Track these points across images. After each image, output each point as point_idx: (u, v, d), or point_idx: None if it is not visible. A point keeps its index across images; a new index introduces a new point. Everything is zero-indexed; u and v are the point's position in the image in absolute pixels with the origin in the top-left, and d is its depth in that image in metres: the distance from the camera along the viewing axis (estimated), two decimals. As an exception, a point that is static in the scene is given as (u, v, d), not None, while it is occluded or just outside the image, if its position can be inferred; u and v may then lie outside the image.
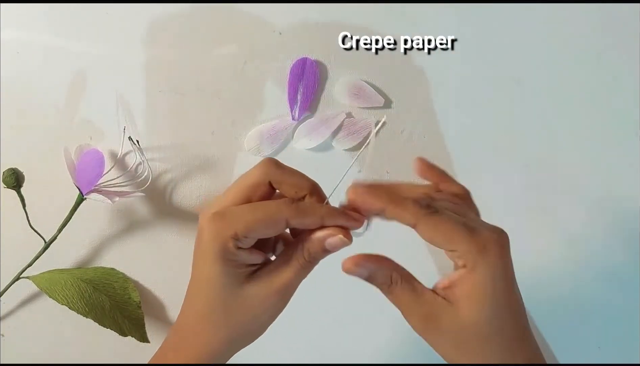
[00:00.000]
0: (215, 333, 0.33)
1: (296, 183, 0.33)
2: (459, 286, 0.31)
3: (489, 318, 0.31)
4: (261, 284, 0.33)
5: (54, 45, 0.52)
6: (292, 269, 0.33)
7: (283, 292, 0.33)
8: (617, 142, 0.53)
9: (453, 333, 0.31)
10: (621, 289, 0.54)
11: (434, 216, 0.31)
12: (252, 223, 0.31)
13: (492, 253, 0.30)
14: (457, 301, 0.31)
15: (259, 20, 0.52)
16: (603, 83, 0.53)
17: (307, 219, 0.32)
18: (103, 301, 0.51)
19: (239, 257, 0.32)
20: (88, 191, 0.49)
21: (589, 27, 0.52)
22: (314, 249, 0.32)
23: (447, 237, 0.30)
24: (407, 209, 0.31)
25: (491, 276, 0.30)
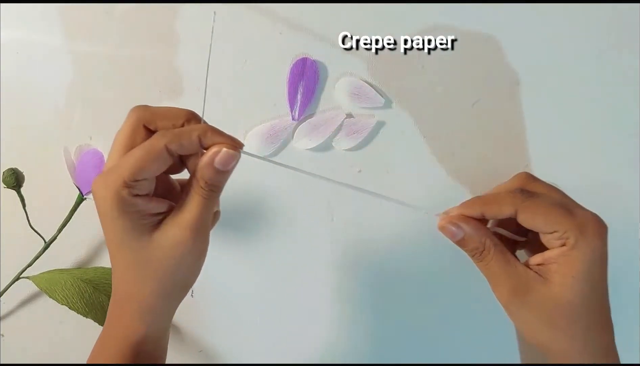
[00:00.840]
0: (145, 289, 0.33)
1: (168, 114, 0.33)
2: (555, 264, 0.31)
3: (582, 297, 0.31)
4: (169, 228, 0.32)
5: (54, 45, 0.52)
6: (194, 202, 0.32)
7: (194, 228, 0.32)
8: (617, 142, 0.53)
9: (542, 308, 0.32)
10: (621, 290, 0.54)
11: (532, 200, 0.31)
12: (135, 164, 0.30)
13: (592, 233, 0.31)
14: (551, 277, 0.31)
15: (259, 20, 0.52)
16: (603, 83, 0.53)
17: (184, 140, 0.31)
18: (103, 301, 0.51)
19: (138, 206, 0.31)
20: (88, 191, 0.49)
21: (589, 27, 0.52)
22: (207, 174, 0.32)
23: (548, 219, 0.31)
24: (504, 201, 0.32)
25: (590, 256, 0.31)
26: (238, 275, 0.54)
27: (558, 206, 0.31)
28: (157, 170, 0.31)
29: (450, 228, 0.33)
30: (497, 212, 0.32)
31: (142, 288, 0.33)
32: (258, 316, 0.54)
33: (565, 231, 0.31)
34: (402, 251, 0.54)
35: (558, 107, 0.53)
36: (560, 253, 0.31)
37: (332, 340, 0.55)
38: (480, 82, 0.53)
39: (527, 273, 0.32)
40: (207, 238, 0.34)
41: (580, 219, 0.31)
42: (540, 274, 0.32)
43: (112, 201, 0.30)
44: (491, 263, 0.33)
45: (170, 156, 0.31)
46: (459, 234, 0.33)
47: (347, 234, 0.54)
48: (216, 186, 0.33)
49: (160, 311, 0.34)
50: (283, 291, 0.54)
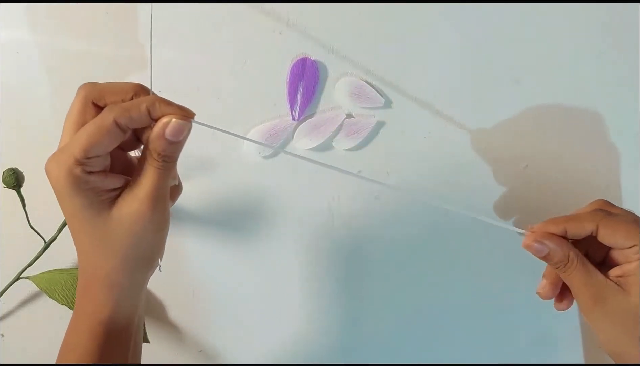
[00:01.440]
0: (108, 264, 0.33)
1: (116, 89, 0.33)
2: (634, 276, 0.34)
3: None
4: (126, 202, 0.32)
5: (54, 45, 0.52)
6: (149, 174, 0.32)
7: (151, 200, 0.32)
8: (617, 141, 0.53)
9: (620, 316, 0.34)
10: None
11: (611, 218, 0.35)
12: (86, 141, 0.30)
13: None
14: (629, 288, 0.34)
15: (259, 20, 0.52)
16: (603, 83, 0.53)
17: (133, 113, 0.31)
18: (103, 301, 0.51)
19: (93, 183, 0.31)
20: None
21: (589, 27, 0.52)
22: (160, 146, 0.32)
23: (629, 234, 0.34)
24: (586, 218, 0.35)
25: None
26: (238, 275, 0.54)
27: (636, 223, 0.34)
28: (109, 146, 0.31)
29: (535, 245, 0.36)
30: (579, 229, 0.35)
31: (105, 264, 0.33)
32: (258, 316, 0.54)
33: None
34: (403, 251, 0.54)
35: (558, 108, 0.53)
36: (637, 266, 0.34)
37: (333, 340, 0.55)
38: (480, 81, 0.53)
39: (607, 283, 0.35)
40: (165, 209, 0.34)
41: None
42: (620, 285, 0.34)
43: (66, 179, 0.30)
44: (573, 273, 0.35)
45: (121, 131, 0.31)
46: (544, 251, 0.36)
47: (347, 234, 0.54)
48: (169, 156, 0.32)
49: (127, 286, 0.34)
50: (283, 291, 0.54)
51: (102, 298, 0.34)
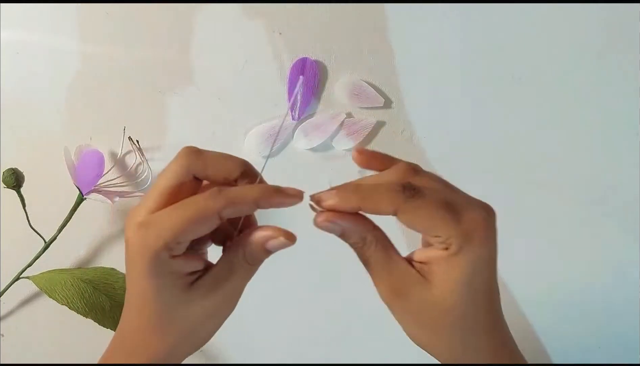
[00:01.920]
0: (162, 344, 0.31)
1: (222, 168, 0.30)
2: (438, 266, 0.29)
3: (463, 304, 0.29)
4: (204, 294, 0.30)
5: (54, 45, 0.52)
6: (236, 276, 0.31)
7: (229, 300, 0.31)
8: (617, 142, 0.53)
9: (421, 311, 0.30)
10: (621, 289, 0.54)
11: (414, 201, 0.28)
12: (181, 227, 0.28)
13: (477, 240, 0.28)
14: (432, 279, 0.29)
15: (259, 20, 0.52)
16: (603, 83, 0.53)
17: (240, 207, 0.29)
18: (103, 301, 0.51)
19: (174, 267, 0.29)
20: (88, 191, 0.49)
21: (589, 27, 0.52)
22: (257, 254, 0.30)
23: (430, 224, 0.28)
24: (383, 199, 0.28)
25: (473, 265, 0.28)
26: (238, 275, 0.54)
27: (443, 208, 0.28)
28: (204, 232, 0.29)
29: (327, 225, 0.30)
30: (375, 209, 0.29)
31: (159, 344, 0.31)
32: (258, 316, 0.54)
33: (448, 237, 0.28)
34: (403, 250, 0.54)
35: (558, 107, 0.53)
36: (443, 256, 0.29)
37: (333, 339, 0.55)
38: (481, 81, 0.53)
39: (409, 272, 0.30)
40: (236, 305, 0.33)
41: (466, 225, 0.28)
42: (423, 274, 0.30)
43: (149, 261, 0.28)
44: (371, 259, 0.30)
45: (221, 219, 0.29)
46: (337, 230, 0.30)
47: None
48: (261, 261, 0.31)
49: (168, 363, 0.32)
50: (283, 291, 0.54)
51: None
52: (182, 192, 0.29)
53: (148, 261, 0.28)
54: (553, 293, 0.55)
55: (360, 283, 0.55)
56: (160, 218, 0.28)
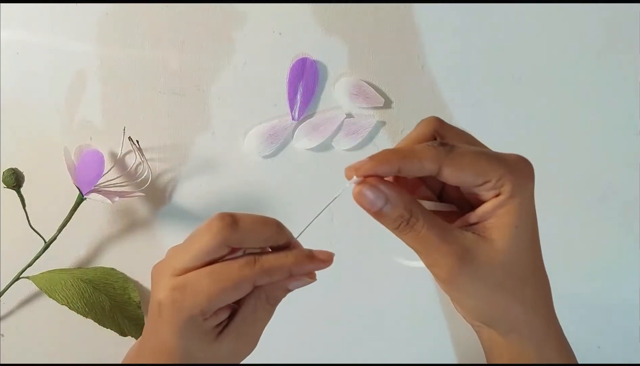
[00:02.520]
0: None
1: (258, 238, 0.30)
2: (493, 218, 0.28)
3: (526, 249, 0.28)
4: (231, 340, 0.31)
5: (54, 45, 0.52)
6: (260, 319, 0.31)
7: (252, 341, 0.33)
8: (617, 141, 0.53)
9: (490, 271, 0.28)
10: (621, 289, 0.54)
11: (456, 151, 0.27)
12: (216, 296, 0.28)
13: (525, 174, 0.28)
14: (491, 235, 0.28)
15: (259, 20, 0.52)
16: (603, 82, 0.53)
17: (275, 277, 0.29)
18: (103, 301, 0.51)
19: (205, 327, 0.30)
20: (88, 191, 0.49)
21: (589, 27, 0.52)
22: (279, 296, 0.31)
23: (478, 169, 0.27)
24: (425, 155, 0.27)
25: (528, 199, 0.28)
26: (238, 275, 0.54)
27: (484, 155, 0.27)
28: (235, 299, 0.30)
29: (368, 194, 0.27)
30: (417, 168, 0.27)
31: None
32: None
33: (499, 179, 0.27)
34: (403, 249, 0.54)
35: (558, 107, 0.53)
36: (497, 204, 0.27)
37: (333, 339, 0.55)
38: (481, 81, 0.53)
39: (465, 236, 0.27)
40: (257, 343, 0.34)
41: (511, 164, 0.28)
42: (480, 234, 0.28)
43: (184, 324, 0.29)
44: (423, 231, 0.27)
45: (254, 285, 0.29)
46: (379, 202, 0.27)
47: (347, 234, 0.54)
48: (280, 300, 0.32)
49: None
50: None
51: None
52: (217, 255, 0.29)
53: (182, 324, 0.29)
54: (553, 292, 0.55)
55: (361, 284, 0.55)
56: (196, 284, 0.28)
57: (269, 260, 0.29)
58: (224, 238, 0.29)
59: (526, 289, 0.29)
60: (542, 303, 0.31)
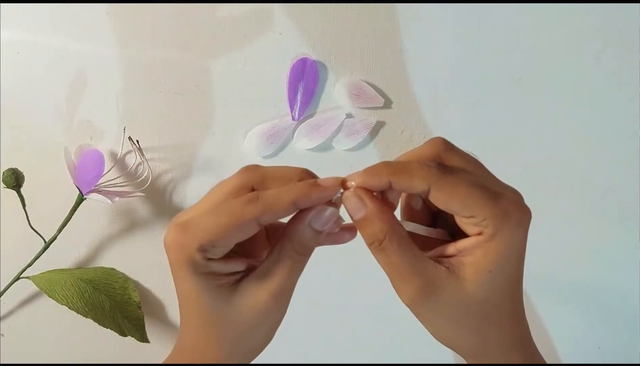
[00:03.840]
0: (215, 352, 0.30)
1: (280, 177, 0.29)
2: (470, 256, 0.27)
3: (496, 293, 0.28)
4: (252, 293, 0.29)
5: (54, 45, 0.52)
6: (284, 267, 0.29)
7: (279, 296, 0.29)
8: (617, 142, 0.53)
9: (451, 308, 0.28)
10: (621, 289, 0.54)
11: (448, 177, 0.27)
12: (217, 230, 0.27)
13: (514, 223, 0.27)
14: (463, 271, 0.27)
15: (259, 20, 0.52)
16: (603, 83, 0.53)
17: (278, 211, 0.27)
18: (103, 301, 0.51)
19: (213, 268, 0.28)
20: (88, 191, 0.49)
21: (589, 27, 0.52)
22: (305, 237, 0.28)
23: (466, 201, 0.26)
24: (417, 173, 0.27)
25: (509, 249, 0.27)
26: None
27: (479, 188, 0.27)
28: (240, 239, 0.28)
29: (352, 201, 0.27)
30: (407, 185, 0.27)
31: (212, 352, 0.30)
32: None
33: (484, 218, 0.26)
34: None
35: (557, 107, 0.53)
36: (476, 244, 0.27)
37: (333, 339, 0.55)
38: (481, 81, 0.53)
39: (437, 269, 0.27)
40: (288, 305, 0.30)
41: (503, 206, 0.27)
42: (452, 269, 0.27)
43: (185, 262, 0.28)
44: (394, 256, 0.27)
45: (259, 225, 0.28)
46: (361, 211, 0.28)
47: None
48: (311, 249, 0.29)
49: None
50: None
51: None
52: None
53: (184, 262, 0.28)
54: (552, 292, 0.55)
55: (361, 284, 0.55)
56: (197, 220, 0.28)
57: (272, 194, 0.28)
58: (247, 177, 0.28)
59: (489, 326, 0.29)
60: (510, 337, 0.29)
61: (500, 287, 0.28)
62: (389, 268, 0.28)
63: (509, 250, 0.27)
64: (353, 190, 0.28)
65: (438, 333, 0.30)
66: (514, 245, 0.27)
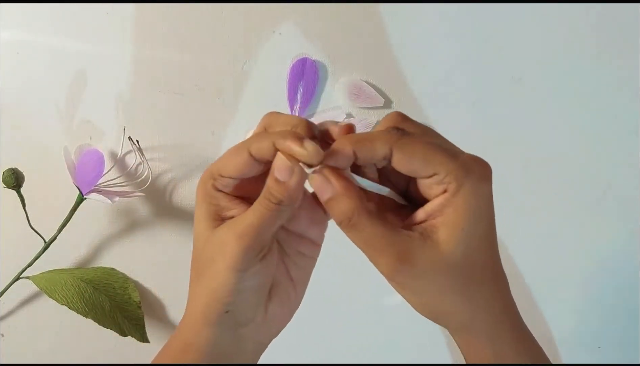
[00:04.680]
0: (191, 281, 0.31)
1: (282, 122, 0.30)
2: (440, 217, 0.27)
3: (473, 250, 0.28)
4: (225, 228, 0.29)
5: (54, 45, 0.52)
6: (253, 212, 0.29)
7: (242, 236, 0.29)
8: (617, 141, 0.53)
9: (430, 273, 0.27)
10: (621, 289, 0.54)
11: (408, 138, 0.28)
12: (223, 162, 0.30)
13: (477, 175, 0.27)
14: (437, 234, 0.27)
15: (259, 20, 0.52)
16: (603, 83, 0.53)
17: (262, 144, 0.28)
18: (103, 301, 0.51)
19: (216, 199, 0.30)
20: (88, 191, 0.49)
21: (589, 27, 0.52)
22: (269, 185, 0.29)
23: (427, 158, 0.27)
24: (377, 138, 0.28)
25: (476, 202, 0.27)
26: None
27: (438, 147, 0.27)
28: (241, 172, 0.29)
29: (319, 179, 0.28)
30: (370, 152, 0.28)
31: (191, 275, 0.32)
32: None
33: (446, 174, 0.27)
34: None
35: (557, 107, 0.53)
36: (443, 202, 0.27)
37: (333, 339, 0.55)
38: (481, 81, 0.53)
39: (411, 236, 0.27)
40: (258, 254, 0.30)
41: (463, 160, 0.27)
42: (425, 234, 0.28)
43: (200, 187, 0.31)
44: (365, 231, 0.28)
45: (257, 161, 0.29)
46: (328, 192, 0.28)
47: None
48: (277, 198, 0.28)
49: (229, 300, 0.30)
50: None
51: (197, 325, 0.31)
52: None
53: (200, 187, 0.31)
54: (552, 292, 0.55)
55: (361, 284, 0.55)
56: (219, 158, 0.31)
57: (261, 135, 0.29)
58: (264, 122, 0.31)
59: (473, 289, 0.29)
60: (495, 302, 0.29)
61: (477, 244, 0.28)
62: (363, 244, 0.28)
63: (476, 203, 0.27)
64: (319, 170, 0.28)
65: (423, 306, 0.30)
66: (480, 197, 0.28)
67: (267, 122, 0.31)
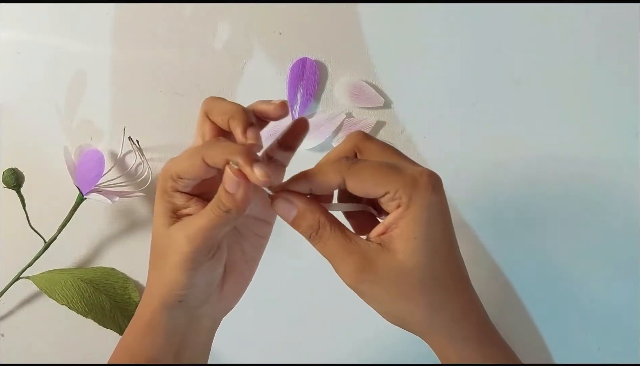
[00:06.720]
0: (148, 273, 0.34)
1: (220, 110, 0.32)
2: (396, 229, 0.29)
3: (427, 260, 0.29)
4: (178, 227, 0.31)
5: (54, 45, 0.52)
6: (203, 216, 0.30)
7: (192, 237, 0.30)
8: (617, 142, 0.53)
9: (390, 280, 0.30)
10: (621, 289, 0.54)
11: (357, 164, 0.30)
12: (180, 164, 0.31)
13: (424, 187, 0.29)
14: (392, 244, 0.29)
15: (259, 20, 0.52)
16: (603, 83, 0.53)
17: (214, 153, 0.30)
18: (103, 301, 0.51)
19: (174, 199, 0.32)
20: (88, 191, 0.49)
21: (589, 27, 0.52)
22: (220, 194, 0.30)
23: (377, 182, 0.29)
24: (329, 171, 0.30)
25: (427, 212, 0.29)
26: (238, 275, 0.54)
27: (385, 166, 0.30)
28: (198, 175, 0.31)
29: (283, 204, 0.30)
30: (325, 185, 0.30)
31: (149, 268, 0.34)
32: (257, 316, 0.54)
33: (396, 191, 0.29)
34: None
35: (557, 108, 0.53)
36: (398, 216, 0.29)
37: (333, 339, 0.55)
38: (480, 82, 0.53)
39: (369, 246, 0.30)
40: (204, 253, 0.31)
41: (410, 176, 0.29)
42: (383, 244, 0.30)
43: (160, 184, 0.32)
44: (329, 241, 0.30)
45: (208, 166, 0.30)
46: (292, 213, 0.30)
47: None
48: (226, 207, 0.30)
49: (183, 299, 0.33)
50: (282, 291, 0.54)
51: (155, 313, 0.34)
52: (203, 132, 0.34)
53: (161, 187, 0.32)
54: (553, 292, 0.55)
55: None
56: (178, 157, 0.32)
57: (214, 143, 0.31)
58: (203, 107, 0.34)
59: (430, 293, 0.30)
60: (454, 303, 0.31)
61: (432, 252, 0.29)
62: (328, 254, 0.31)
63: (427, 213, 0.29)
64: (280, 195, 0.31)
65: (387, 313, 0.32)
66: (431, 207, 0.29)
67: (207, 108, 0.33)
